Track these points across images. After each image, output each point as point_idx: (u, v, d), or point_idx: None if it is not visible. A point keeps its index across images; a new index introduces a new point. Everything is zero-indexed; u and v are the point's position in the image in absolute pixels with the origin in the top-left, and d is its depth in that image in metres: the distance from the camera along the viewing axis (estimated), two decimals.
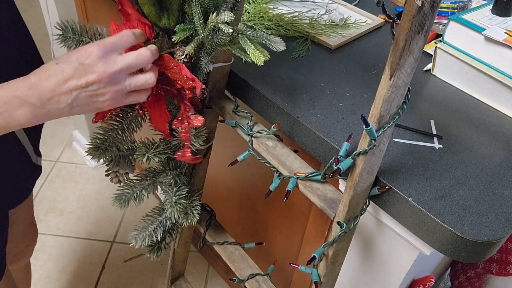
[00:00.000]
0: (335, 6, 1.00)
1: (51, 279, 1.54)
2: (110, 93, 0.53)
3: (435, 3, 0.43)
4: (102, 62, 0.51)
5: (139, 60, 0.55)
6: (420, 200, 0.57)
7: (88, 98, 0.53)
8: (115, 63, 0.52)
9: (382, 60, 0.83)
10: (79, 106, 0.53)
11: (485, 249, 0.54)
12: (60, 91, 0.51)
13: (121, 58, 0.53)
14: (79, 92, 0.51)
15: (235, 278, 0.85)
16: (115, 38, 0.54)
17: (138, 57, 0.54)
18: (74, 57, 0.52)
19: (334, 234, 0.61)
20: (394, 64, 0.46)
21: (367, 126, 0.50)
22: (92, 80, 0.51)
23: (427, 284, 0.76)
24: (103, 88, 0.52)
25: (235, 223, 1.26)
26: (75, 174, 1.90)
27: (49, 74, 0.51)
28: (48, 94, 0.51)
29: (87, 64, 0.51)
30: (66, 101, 0.52)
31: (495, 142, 0.68)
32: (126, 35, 0.55)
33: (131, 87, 0.55)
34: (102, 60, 0.51)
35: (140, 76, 0.56)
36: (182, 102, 0.63)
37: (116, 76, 0.53)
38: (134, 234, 0.76)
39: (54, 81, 0.51)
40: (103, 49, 0.52)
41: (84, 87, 0.51)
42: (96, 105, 0.54)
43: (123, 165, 0.71)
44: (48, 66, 0.52)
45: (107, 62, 0.52)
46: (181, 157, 0.67)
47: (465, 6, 0.92)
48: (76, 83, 0.51)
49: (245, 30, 0.59)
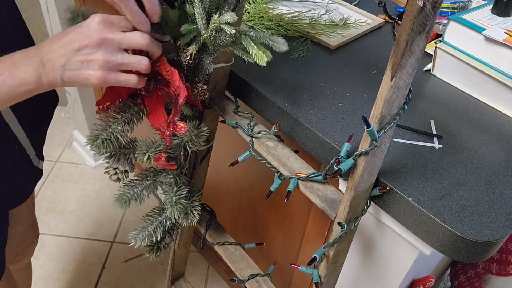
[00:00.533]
0: (335, 6, 1.00)
1: (51, 279, 1.54)
2: (100, 61, 0.54)
3: (437, 4, 0.43)
4: (99, 28, 0.54)
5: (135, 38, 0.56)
6: (420, 200, 0.57)
7: (79, 64, 0.54)
8: (110, 31, 0.55)
9: (382, 60, 0.83)
10: (70, 71, 0.54)
11: (485, 249, 0.54)
12: (57, 53, 0.54)
13: (118, 31, 0.56)
14: (72, 56, 0.54)
15: (236, 278, 0.85)
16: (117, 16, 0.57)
17: (135, 35, 0.56)
18: (79, 25, 0.55)
19: (335, 234, 0.61)
20: (396, 65, 0.46)
21: (368, 127, 0.50)
22: (85, 44, 0.54)
23: (427, 284, 0.76)
24: (94, 54, 0.54)
25: (235, 223, 1.26)
26: (75, 174, 1.90)
27: (53, 37, 0.55)
28: (47, 55, 0.54)
29: (85, 27, 0.54)
30: (60, 63, 0.54)
31: (495, 142, 0.68)
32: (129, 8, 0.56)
33: (123, 61, 0.56)
34: (101, 25, 0.54)
35: (134, 56, 0.57)
36: (175, 106, 0.63)
37: (108, 42, 0.54)
38: (134, 234, 0.76)
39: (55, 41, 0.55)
40: (106, 18, 0.55)
41: (78, 50, 0.54)
42: (86, 75, 0.55)
43: (123, 162, 0.71)
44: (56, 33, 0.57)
45: (104, 28, 0.54)
46: (156, 160, 0.67)
47: (465, 6, 0.92)
48: (72, 47, 0.54)
49: (248, 31, 0.59)
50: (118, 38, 0.55)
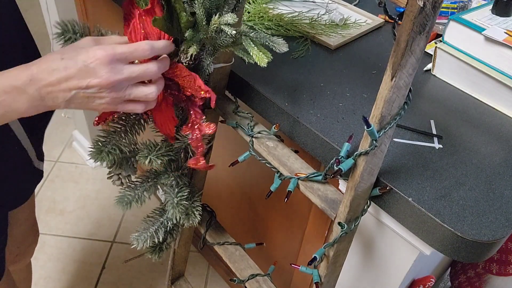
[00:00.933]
0: (335, 6, 1.00)
1: (51, 279, 1.54)
2: (108, 98, 0.53)
3: (437, 4, 0.43)
4: (107, 69, 0.51)
5: (146, 74, 0.54)
6: (420, 200, 0.57)
7: (85, 99, 0.53)
8: (120, 72, 0.52)
9: (382, 60, 0.83)
10: (75, 103, 0.53)
11: (485, 249, 0.54)
12: (60, 88, 0.51)
13: (127, 68, 0.53)
14: (77, 92, 0.51)
15: (236, 278, 0.85)
16: (129, 49, 0.53)
17: (145, 71, 0.54)
18: (80, 57, 0.51)
19: (335, 234, 0.61)
20: (396, 65, 0.46)
21: (369, 127, 0.50)
22: (93, 84, 0.51)
23: (427, 284, 0.76)
24: (103, 93, 0.52)
25: (235, 223, 1.26)
26: (75, 174, 1.90)
27: (52, 68, 0.51)
28: (47, 89, 0.51)
29: (91, 67, 0.51)
30: (64, 97, 0.52)
31: (495, 142, 0.68)
32: (142, 49, 0.54)
33: (131, 96, 0.55)
34: (108, 67, 0.51)
35: (143, 89, 0.55)
36: (193, 109, 0.63)
37: (118, 84, 0.52)
38: (136, 236, 0.76)
39: (55, 77, 0.50)
40: (111, 57, 0.51)
41: (84, 89, 0.51)
42: (91, 106, 0.54)
43: (126, 167, 0.71)
44: (52, 58, 0.51)
45: (112, 70, 0.51)
46: (195, 165, 0.66)
47: (465, 6, 0.92)
48: (77, 84, 0.51)
49: (248, 32, 0.59)
50: (127, 78, 0.53)
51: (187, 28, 0.58)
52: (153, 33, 0.59)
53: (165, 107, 0.64)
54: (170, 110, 0.64)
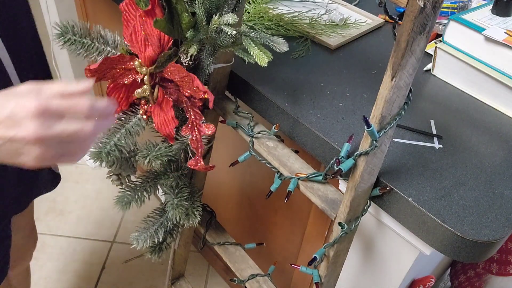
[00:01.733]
0: (335, 6, 1.00)
1: (51, 279, 1.54)
2: (35, 154, 0.46)
3: (437, 4, 0.43)
4: (35, 123, 0.44)
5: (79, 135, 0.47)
6: (420, 200, 0.57)
7: (11, 152, 0.46)
8: (49, 128, 0.45)
9: (382, 60, 0.83)
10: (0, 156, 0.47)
11: (485, 249, 0.54)
12: None
13: (58, 125, 0.46)
14: (3, 142, 0.45)
15: (236, 278, 0.85)
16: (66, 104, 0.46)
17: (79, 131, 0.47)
18: (11, 103, 0.45)
19: (335, 234, 0.61)
20: (396, 65, 0.46)
21: (369, 127, 0.50)
22: (19, 137, 0.44)
23: (427, 284, 0.76)
24: (29, 149, 0.45)
25: (235, 223, 1.26)
26: (75, 174, 1.90)
27: None
28: None
29: (18, 118, 0.44)
30: None
31: (495, 142, 0.68)
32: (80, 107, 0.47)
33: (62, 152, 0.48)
34: (37, 121, 0.44)
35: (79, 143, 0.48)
36: (192, 110, 0.63)
37: (46, 141, 0.45)
38: (136, 236, 0.76)
39: None
40: (43, 110, 0.44)
41: (9, 140, 0.45)
42: (18, 161, 0.47)
43: (125, 167, 0.71)
44: None
45: (42, 125, 0.44)
46: (194, 166, 0.66)
47: (465, 6, 0.92)
48: (2, 133, 0.45)
49: (248, 32, 0.59)
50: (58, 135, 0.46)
51: (188, 29, 0.58)
52: (153, 34, 0.59)
53: (165, 108, 0.64)
54: (170, 111, 0.64)
